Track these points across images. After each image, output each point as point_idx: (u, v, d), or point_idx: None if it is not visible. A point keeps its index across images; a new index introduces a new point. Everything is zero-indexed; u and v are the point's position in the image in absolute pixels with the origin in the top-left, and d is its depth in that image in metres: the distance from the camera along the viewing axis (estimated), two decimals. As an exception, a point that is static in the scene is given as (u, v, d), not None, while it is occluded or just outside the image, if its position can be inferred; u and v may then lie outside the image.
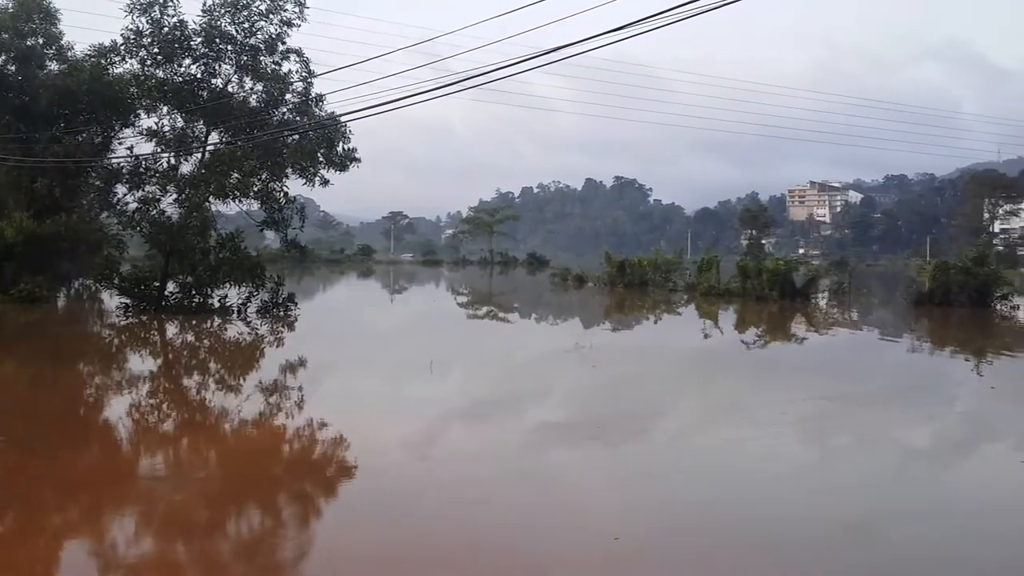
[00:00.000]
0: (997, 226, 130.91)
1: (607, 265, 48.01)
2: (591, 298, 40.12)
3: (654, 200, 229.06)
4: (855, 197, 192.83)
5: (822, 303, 35.04)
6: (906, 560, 6.08)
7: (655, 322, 28.94)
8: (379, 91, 15.80)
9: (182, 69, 24.34)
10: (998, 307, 30.58)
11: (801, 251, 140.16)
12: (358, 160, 24.98)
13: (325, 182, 25.13)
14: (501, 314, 32.57)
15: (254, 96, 24.94)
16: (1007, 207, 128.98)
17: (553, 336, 24.30)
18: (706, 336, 23.69)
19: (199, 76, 24.49)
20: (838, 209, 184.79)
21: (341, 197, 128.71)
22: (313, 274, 67.13)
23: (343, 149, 24.63)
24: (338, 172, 24.99)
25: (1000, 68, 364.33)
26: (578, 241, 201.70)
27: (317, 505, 7.51)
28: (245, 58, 24.52)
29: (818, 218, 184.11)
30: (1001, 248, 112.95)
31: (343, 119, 23.29)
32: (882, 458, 9.19)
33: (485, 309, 35.33)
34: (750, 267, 37.23)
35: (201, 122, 24.69)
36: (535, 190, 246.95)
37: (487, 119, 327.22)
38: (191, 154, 24.83)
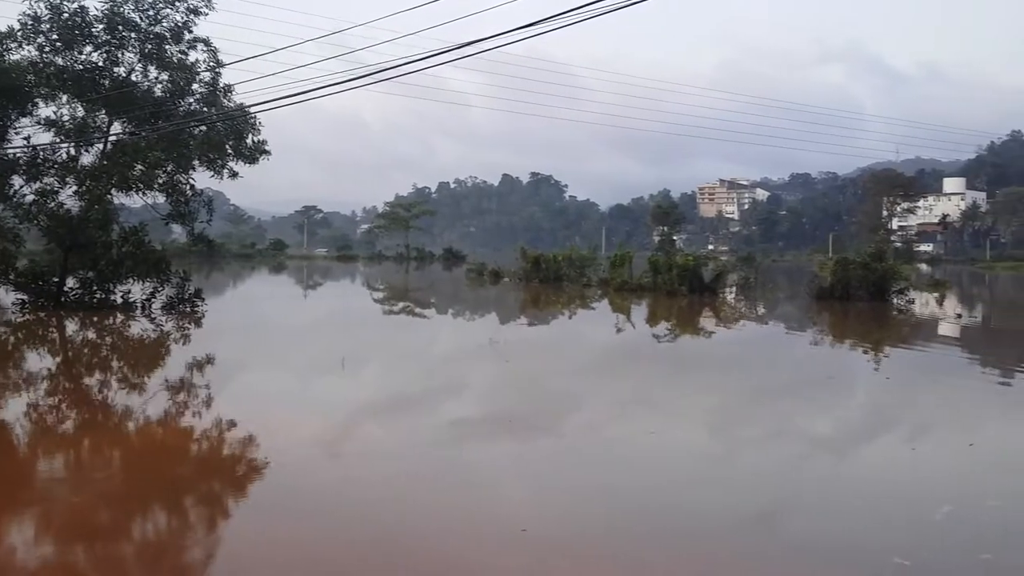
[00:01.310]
0: (895, 223, 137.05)
1: (523, 260, 48.34)
2: (507, 293, 40.32)
3: (570, 196, 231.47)
4: (762, 195, 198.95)
5: (730, 298, 36.03)
6: (802, 546, 6.35)
7: (569, 317, 29.28)
8: (289, 82, 15.58)
9: (83, 57, 23.45)
10: (895, 301, 32.03)
11: (711, 247, 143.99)
12: (268, 152, 24.54)
13: (234, 175, 24.60)
14: (417, 310, 32.46)
15: (159, 86, 24.21)
16: (904, 205, 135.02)
17: (468, 332, 24.36)
18: (618, 330, 24.10)
19: (101, 64, 23.63)
20: (746, 206, 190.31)
21: (252, 191, 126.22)
22: (223, 269, 65.55)
23: (253, 141, 24.15)
24: (248, 165, 24.50)
25: (898, 72, 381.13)
26: (495, 236, 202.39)
27: (225, 505, 7.38)
28: (149, 46, 23.76)
29: (727, 215, 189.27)
30: (898, 244, 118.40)
31: (252, 110, 22.83)
32: (784, 449, 9.54)
33: (401, 305, 35.14)
34: (661, 263, 38.01)
35: (103, 112, 23.83)
36: (452, 185, 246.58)
37: (402, 113, 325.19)
38: (92, 145, 23.95)
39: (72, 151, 23.81)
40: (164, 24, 23.84)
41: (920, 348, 20.05)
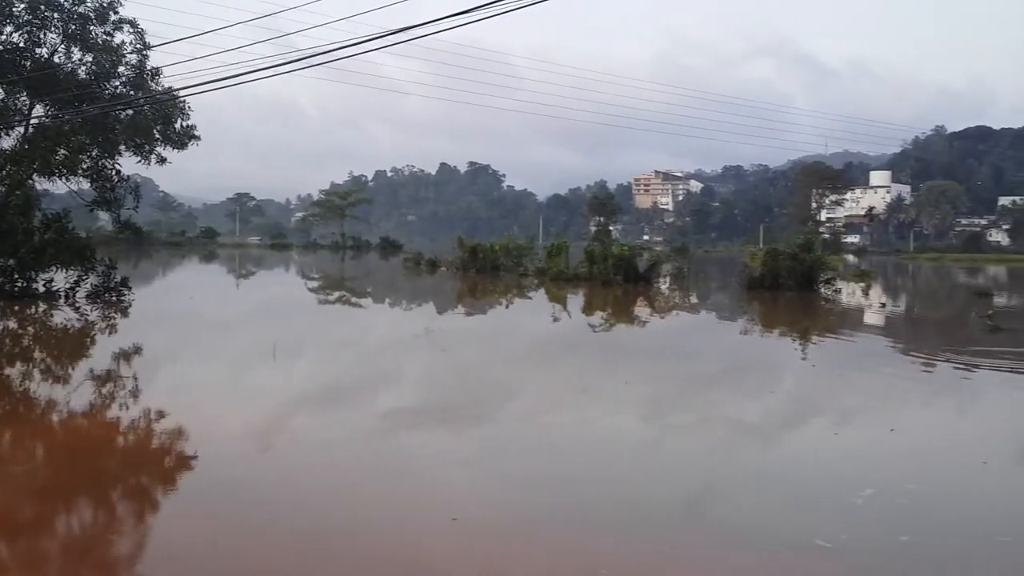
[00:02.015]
0: (824, 215, 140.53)
1: (460, 250, 48.26)
2: (443, 283, 40.22)
3: (508, 186, 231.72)
4: (696, 186, 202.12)
5: (664, 287, 36.57)
6: (728, 529, 6.50)
7: (506, 306, 29.35)
8: (219, 66, 15.25)
9: (2, 37, 22.56)
10: (822, 290, 32.88)
11: (646, 237, 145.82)
12: (197, 138, 24.00)
13: (162, 160, 24.01)
14: (353, 299, 32.16)
15: (83, 68, 23.46)
16: (832, 197, 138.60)
17: (404, 321, 24.24)
18: (555, 320, 24.25)
19: (22, 45, 22.77)
20: (680, 198, 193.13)
21: (182, 177, 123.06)
22: (151, 257, 63.95)
23: (181, 126, 23.59)
24: (177, 150, 23.93)
25: (826, 67, 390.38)
26: (432, 226, 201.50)
27: (154, 498, 7.23)
28: (73, 27, 22.99)
29: (662, 206, 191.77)
30: (827, 236, 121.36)
31: (181, 94, 22.29)
32: (713, 435, 9.73)
33: (336, 294, 34.77)
34: (597, 253, 38.36)
35: (24, 94, 22.98)
36: (389, 174, 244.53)
37: (338, 100, 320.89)
38: (12, 128, 23.07)
39: (-9, 134, 22.93)
40: (88, 4, 23.09)
41: (846, 336, 20.64)
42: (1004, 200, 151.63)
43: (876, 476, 7.93)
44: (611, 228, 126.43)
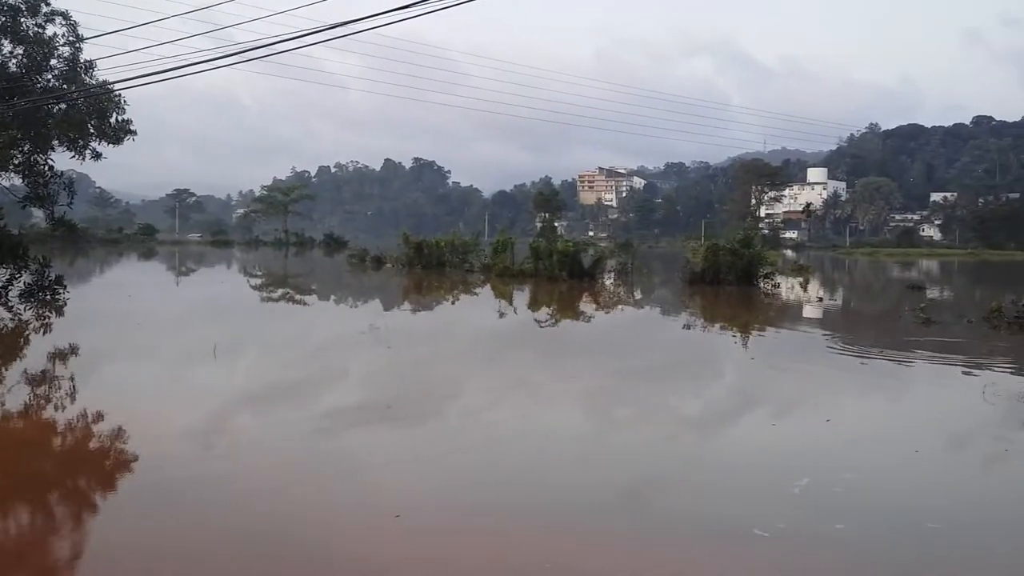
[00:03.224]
0: (763, 211, 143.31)
1: (405, 246, 48.04)
2: (389, 279, 39.99)
3: (453, 182, 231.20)
4: (639, 183, 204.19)
5: (608, 283, 36.91)
6: (668, 520, 6.64)
7: (451, 303, 29.32)
8: (155, 59, 14.93)
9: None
10: (761, 285, 33.57)
11: (591, 233, 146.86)
12: (134, 132, 23.43)
13: (97, 156, 23.40)
14: (297, 297, 31.78)
15: (14, 60, 22.71)
16: (771, 194, 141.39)
17: (349, 318, 24.05)
18: (500, 316, 24.30)
19: (-53, 37, 22.00)
20: (624, 194, 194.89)
21: (120, 173, 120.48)
22: (88, 255, 62.30)
23: (117, 120, 23.00)
24: (112, 145, 23.34)
25: (763, 66, 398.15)
26: (377, 222, 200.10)
27: (92, 501, 7.10)
28: (3, 19, 22.26)
29: (606, 202, 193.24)
30: (766, 231, 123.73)
31: (116, 88, 21.75)
32: (654, 428, 9.89)
33: (280, 291, 34.32)
34: (542, 249, 38.55)
35: (-49, 87, 22.20)
36: (333, 169, 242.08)
37: (279, 95, 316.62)
38: (-61, 123, 22.26)
39: (-84, 129, 22.08)
40: (19, -5, 22.38)
41: (784, 330, 21.10)
42: (935, 196, 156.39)
43: (813, 466, 8.15)
44: (556, 224, 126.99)
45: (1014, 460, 8.61)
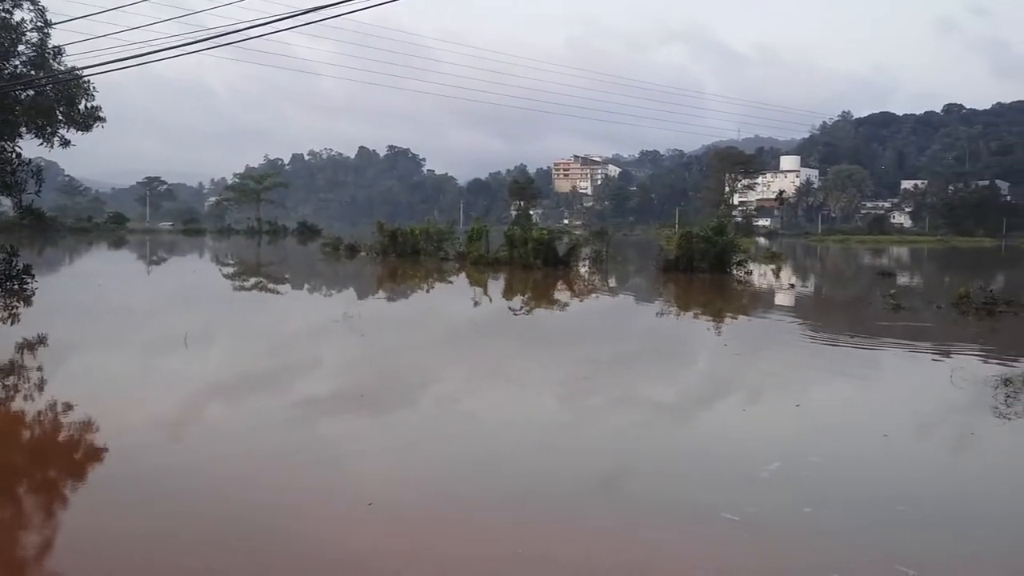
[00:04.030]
0: (736, 199, 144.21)
1: (380, 235, 47.85)
2: (363, 268, 39.83)
3: (428, 170, 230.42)
4: (614, 171, 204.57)
5: (583, 270, 37.01)
6: (641, 506, 6.71)
7: (426, 291, 29.27)
8: (124, 44, 14.70)
9: None
10: (735, 272, 33.83)
11: (566, 221, 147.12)
12: (103, 120, 23.08)
13: (66, 143, 23.03)
14: (270, 285, 31.57)
15: (-21, 46, 22.26)
16: (745, 181, 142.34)
17: (323, 307, 23.93)
18: (475, 304, 24.30)
19: (-90, 22, 21.51)
20: (599, 182, 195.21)
21: (89, 161, 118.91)
22: (56, 244, 61.44)
23: (86, 107, 22.64)
24: (81, 132, 22.98)
25: (737, 54, 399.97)
26: (351, 210, 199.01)
27: (63, 492, 7.03)
28: (-33, 4, 21.81)
29: (581, 190, 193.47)
30: (739, 219, 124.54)
31: (85, 74, 21.40)
32: (628, 415, 9.95)
33: (252, 280, 34.07)
34: (517, 237, 38.56)
35: (-86, 73, 21.72)
36: (306, 157, 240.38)
37: (251, 82, 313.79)
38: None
39: None
40: (-17, -22, 21.93)
41: (757, 317, 21.29)
42: (906, 183, 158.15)
43: (782, 450, 8.25)
44: (531, 212, 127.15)
45: (980, 443, 8.77)
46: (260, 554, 5.63)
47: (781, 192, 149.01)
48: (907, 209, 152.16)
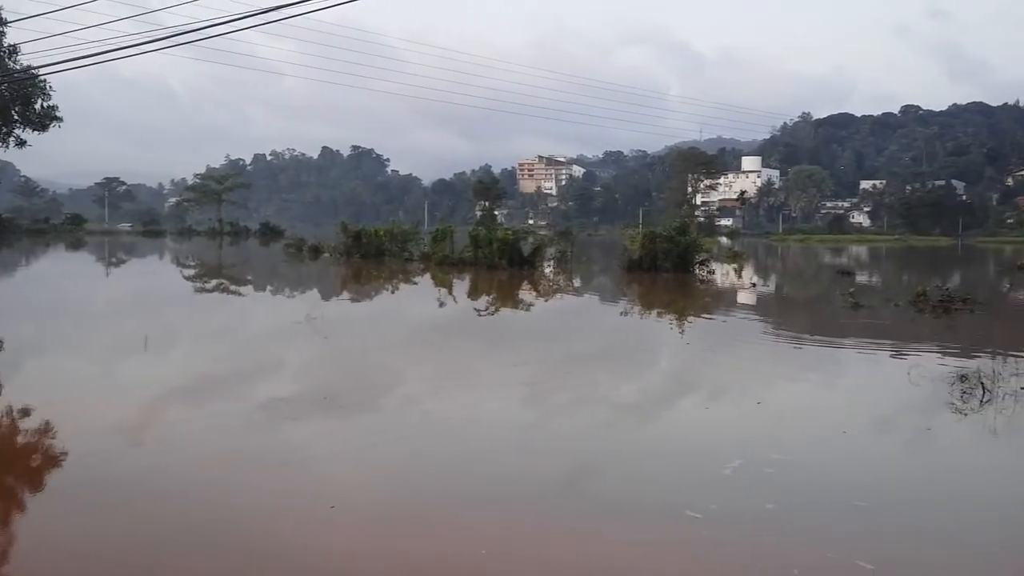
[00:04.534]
0: (699, 199, 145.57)
1: (343, 235, 47.55)
2: (326, 269, 39.56)
3: (392, 170, 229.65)
4: (578, 171, 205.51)
5: (548, 271, 37.10)
6: (603, 505, 6.73)
7: (391, 292, 29.15)
8: (81, 43, 14.47)
9: None
10: (697, 272, 34.14)
11: (531, 221, 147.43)
12: (60, 119, 22.88)
13: (22, 143, 22.77)
14: (232, 287, 31.22)
15: (-70, 44, 21.79)
16: (707, 182, 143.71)
17: (285, 308, 23.72)
18: (440, 304, 24.25)
19: None
20: (563, 182, 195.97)
21: (46, 161, 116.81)
22: (12, 246, 60.17)
23: (42, 106, 22.41)
24: (37, 132, 22.63)
25: (699, 56, 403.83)
26: (315, 211, 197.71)
27: (20, 499, 6.88)
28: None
29: (546, 191, 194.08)
30: (702, 219, 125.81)
31: (41, 73, 21.05)
32: (592, 415, 9.98)
33: (214, 282, 33.67)
34: (482, 237, 38.55)
35: None
36: (268, 157, 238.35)
37: (211, 81, 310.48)
38: None
39: None
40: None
41: (719, 316, 21.50)
42: (865, 184, 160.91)
43: (744, 448, 8.33)
44: (496, 213, 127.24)
45: (936, 439, 8.94)
46: (222, 558, 5.56)
47: (743, 192, 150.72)
48: (866, 209, 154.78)
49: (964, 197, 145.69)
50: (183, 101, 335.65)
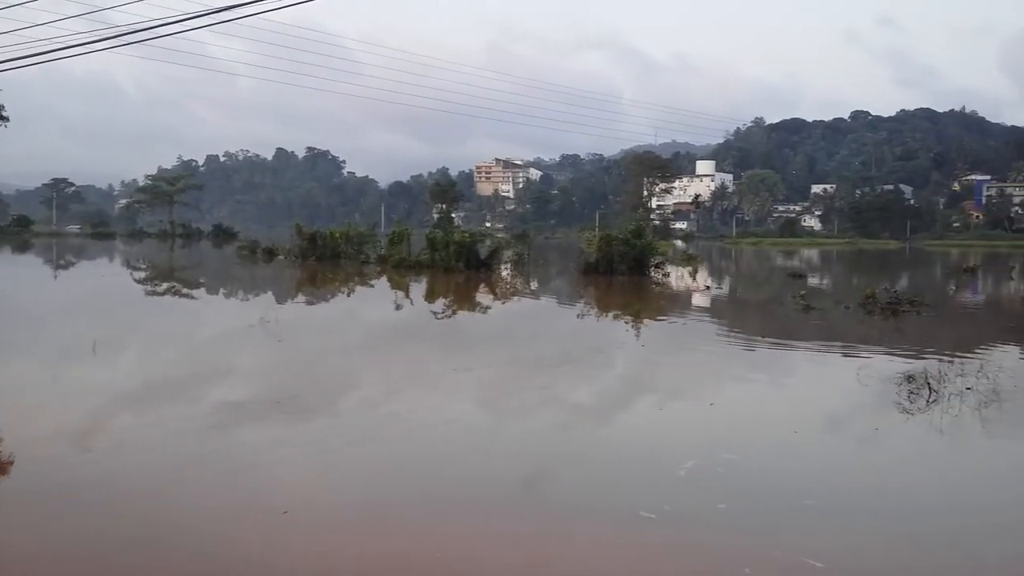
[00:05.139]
0: (654, 202, 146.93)
1: (298, 238, 47.09)
2: (281, 272, 39.15)
3: (348, 172, 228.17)
4: (536, 174, 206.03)
5: (505, 273, 37.13)
6: (560, 506, 6.76)
7: (347, 295, 28.94)
8: (26, 41, 14.14)
9: None
10: (653, 274, 34.44)
11: (488, 224, 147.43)
12: (6, 119, 22.28)
13: (-35, 143, 22.05)
14: (184, 290, 30.73)
15: None
16: (662, 185, 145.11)
17: (239, 312, 23.41)
18: (397, 307, 24.13)
19: None
20: (520, 185, 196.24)
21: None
22: (-46, 248, 58.55)
23: (-13, 106, 21.71)
24: (-19, 132, 22.01)
25: (654, 60, 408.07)
26: (269, 212, 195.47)
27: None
28: None
29: (503, 193, 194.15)
30: (657, 222, 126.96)
31: (-15, 72, 20.48)
32: (548, 417, 10.01)
33: (165, 285, 33.11)
34: (439, 239, 38.45)
35: None
36: (222, 158, 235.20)
37: (163, 81, 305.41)
38: None
39: None
40: None
41: (674, 318, 21.71)
42: (816, 188, 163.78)
43: (698, 448, 8.43)
44: (453, 215, 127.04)
45: (884, 439, 9.12)
46: (173, 566, 5.47)
47: (697, 196, 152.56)
48: (817, 212, 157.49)
49: (912, 201, 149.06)
50: (134, 101, 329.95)
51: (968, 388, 11.02)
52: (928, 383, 11.02)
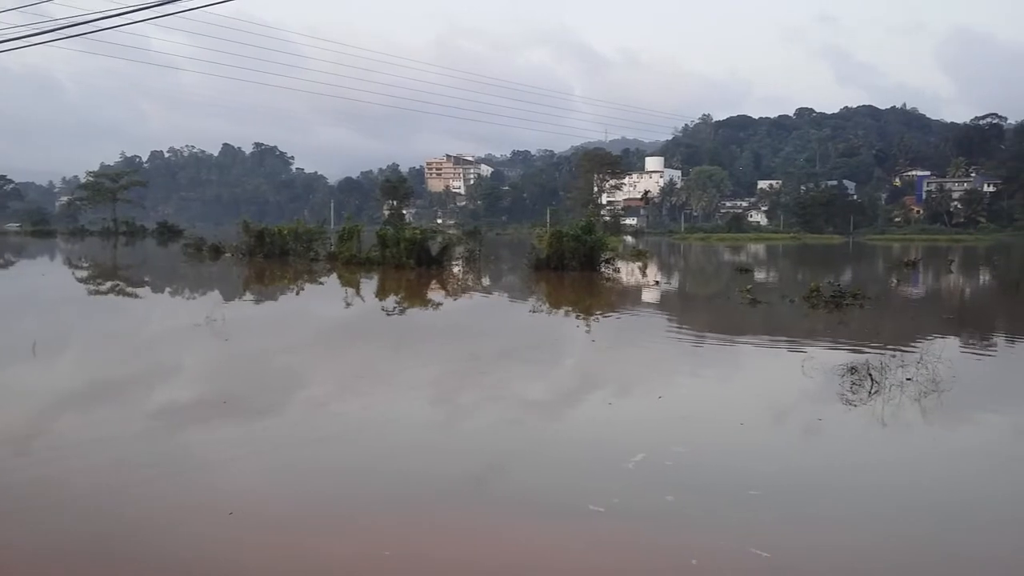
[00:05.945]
0: (604, 198, 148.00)
1: (245, 235, 46.42)
2: (228, 269, 38.54)
3: (297, 168, 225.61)
4: (487, 171, 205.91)
5: (456, 270, 37.04)
6: (509, 502, 6.77)
7: (296, 293, 28.59)
8: (-41, 35, 13.67)
9: None
10: (603, 270, 34.67)
11: (439, 221, 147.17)
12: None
13: None
14: (127, 289, 30.06)
15: None
16: (612, 182, 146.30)
17: (184, 311, 22.98)
18: (347, 305, 23.92)
19: None
20: (472, 181, 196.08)
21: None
22: None
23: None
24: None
25: (602, 57, 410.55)
26: (216, 209, 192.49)
27: None
28: None
29: (454, 190, 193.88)
30: (607, 218, 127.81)
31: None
32: (498, 413, 10.02)
33: (109, 284, 32.36)
34: (389, 236, 38.22)
35: None
36: (166, 155, 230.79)
37: (104, 76, 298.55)
38: None
39: None
40: None
41: (624, 313, 21.87)
42: (762, 183, 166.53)
43: (646, 441, 8.50)
44: (404, 212, 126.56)
45: (827, 429, 9.30)
46: (112, 570, 5.35)
47: (646, 192, 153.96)
48: (763, 208, 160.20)
49: (855, 197, 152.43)
50: (75, 96, 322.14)
51: (908, 379, 11.31)
52: (870, 374, 11.29)
